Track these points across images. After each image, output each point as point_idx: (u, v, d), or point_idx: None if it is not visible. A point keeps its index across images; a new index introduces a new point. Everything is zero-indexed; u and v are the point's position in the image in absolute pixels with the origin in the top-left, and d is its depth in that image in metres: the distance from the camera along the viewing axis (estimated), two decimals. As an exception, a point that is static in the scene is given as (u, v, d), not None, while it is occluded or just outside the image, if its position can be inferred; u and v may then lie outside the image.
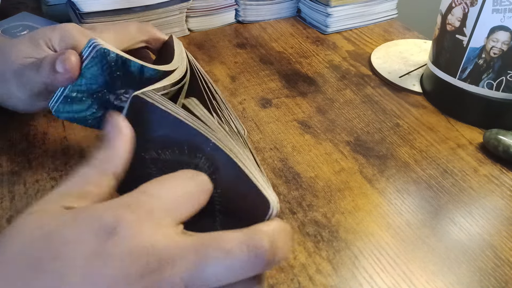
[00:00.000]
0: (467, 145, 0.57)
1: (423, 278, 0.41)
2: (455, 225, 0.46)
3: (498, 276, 0.41)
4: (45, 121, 0.60)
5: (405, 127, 0.60)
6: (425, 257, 0.43)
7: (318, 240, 0.44)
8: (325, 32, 0.83)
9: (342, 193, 0.49)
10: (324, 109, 0.63)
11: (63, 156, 0.54)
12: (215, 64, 0.73)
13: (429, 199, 0.49)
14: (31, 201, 0.48)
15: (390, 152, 0.55)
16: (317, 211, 0.47)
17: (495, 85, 0.56)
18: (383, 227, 0.46)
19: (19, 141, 0.56)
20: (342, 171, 0.52)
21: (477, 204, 0.48)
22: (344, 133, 0.58)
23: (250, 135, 0.58)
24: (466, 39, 0.56)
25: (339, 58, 0.76)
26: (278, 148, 0.56)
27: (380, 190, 0.50)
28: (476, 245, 0.44)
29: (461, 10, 0.56)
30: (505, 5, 0.52)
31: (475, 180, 0.51)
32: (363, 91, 0.67)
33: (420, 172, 0.52)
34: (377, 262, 0.42)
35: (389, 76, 0.69)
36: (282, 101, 0.65)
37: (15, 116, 0.61)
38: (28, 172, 0.52)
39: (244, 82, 0.69)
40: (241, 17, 0.86)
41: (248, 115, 0.61)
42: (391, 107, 0.64)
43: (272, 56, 0.76)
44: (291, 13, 0.90)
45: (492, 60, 0.55)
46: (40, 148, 0.55)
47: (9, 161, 0.53)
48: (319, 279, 0.40)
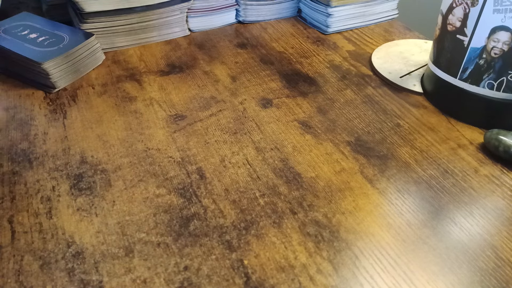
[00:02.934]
0: (468, 145, 0.57)
1: (424, 278, 0.41)
2: (455, 225, 0.46)
3: (499, 276, 0.41)
4: (45, 121, 0.60)
5: (406, 127, 0.60)
6: (426, 257, 0.43)
7: (318, 240, 0.44)
8: (325, 32, 0.83)
9: (343, 193, 0.49)
10: (324, 109, 0.63)
11: (64, 156, 0.54)
12: (216, 64, 0.73)
13: (429, 199, 0.49)
14: (32, 201, 0.48)
15: (391, 152, 0.55)
16: (318, 211, 0.47)
17: (495, 85, 0.56)
18: (383, 227, 0.46)
19: (20, 141, 0.56)
20: (343, 171, 0.52)
21: (477, 204, 0.48)
22: (344, 133, 0.58)
23: (251, 135, 0.58)
24: (467, 39, 0.56)
25: (340, 58, 0.76)
26: (279, 148, 0.56)
27: (380, 190, 0.50)
28: (477, 245, 0.44)
29: (462, 10, 0.56)
30: (506, 5, 0.52)
31: (475, 180, 0.51)
32: (363, 91, 0.67)
33: (420, 172, 0.52)
34: (377, 262, 0.42)
35: (390, 76, 0.69)
36: (282, 101, 0.65)
37: (16, 116, 0.61)
38: (28, 172, 0.52)
39: (245, 82, 0.69)
40: (242, 17, 0.86)
41: (249, 115, 0.61)
42: (392, 107, 0.64)
43: (273, 56, 0.76)
44: (292, 13, 0.90)
45: (493, 60, 0.55)
46: (40, 148, 0.55)
47: (9, 161, 0.53)
48: (319, 279, 0.40)
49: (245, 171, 0.52)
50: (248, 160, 0.54)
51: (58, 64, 0.65)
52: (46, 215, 0.46)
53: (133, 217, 0.46)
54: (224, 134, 0.58)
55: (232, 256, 0.42)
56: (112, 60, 0.74)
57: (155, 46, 0.78)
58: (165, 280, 0.40)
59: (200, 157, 0.54)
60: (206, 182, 0.51)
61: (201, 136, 0.57)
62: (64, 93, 0.66)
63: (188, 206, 0.48)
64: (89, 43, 0.70)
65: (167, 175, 0.51)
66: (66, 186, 0.50)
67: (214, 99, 0.65)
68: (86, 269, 0.41)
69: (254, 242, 0.44)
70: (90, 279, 0.40)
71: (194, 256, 0.42)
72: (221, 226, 0.45)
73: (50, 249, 0.43)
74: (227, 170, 0.52)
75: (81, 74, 0.70)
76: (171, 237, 0.44)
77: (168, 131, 0.58)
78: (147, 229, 0.45)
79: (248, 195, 0.49)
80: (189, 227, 0.45)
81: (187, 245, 0.43)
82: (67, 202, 0.48)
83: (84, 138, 0.57)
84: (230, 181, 0.51)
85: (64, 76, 0.67)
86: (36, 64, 0.64)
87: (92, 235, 0.44)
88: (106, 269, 0.41)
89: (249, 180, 0.51)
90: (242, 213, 0.47)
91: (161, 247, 0.43)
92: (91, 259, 0.42)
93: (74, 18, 0.76)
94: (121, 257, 0.42)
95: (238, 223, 0.46)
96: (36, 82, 0.67)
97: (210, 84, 0.68)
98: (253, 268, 0.41)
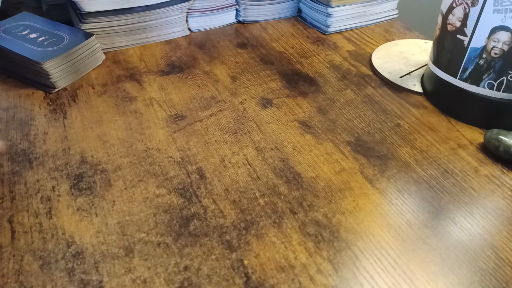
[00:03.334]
0: (468, 145, 0.57)
1: (424, 278, 0.41)
2: (456, 225, 0.46)
3: (499, 276, 0.41)
4: (45, 121, 0.60)
5: (406, 127, 0.60)
6: (426, 257, 0.43)
7: (319, 240, 0.44)
8: (325, 32, 0.83)
9: (343, 193, 0.49)
10: (324, 109, 0.63)
11: (64, 156, 0.54)
12: (216, 64, 0.73)
13: (430, 199, 0.49)
14: (32, 201, 0.48)
15: (391, 152, 0.55)
16: (318, 211, 0.47)
17: (495, 85, 0.56)
18: (384, 227, 0.46)
19: (20, 141, 0.56)
20: (343, 171, 0.52)
21: (478, 204, 0.48)
22: (344, 133, 0.58)
23: (251, 135, 0.58)
24: (467, 39, 0.56)
25: (340, 58, 0.76)
26: (279, 148, 0.56)
27: (380, 190, 0.50)
28: (477, 245, 0.44)
29: (462, 10, 0.56)
30: (506, 5, 0.52)
31: (476, 180, 0.51)
32: (363, 91, 0.67)
33: (421, 172, 0.52)
34: (378, 262, 0.42)
35: (390, 76, 0.69)
36: (282, 101, 0.65)
37: (16, 116, 0.61)
38: (28, 172, 0.52)
39: (245, 82, 0.69)
40: (242, 17, 0.86)
41: (249, 115, 0.61)
42: (392, 107, 0.64)
43: (273, 56, 0.76)
44: (292, 13, 0.90)
45: (493, 60, 0.55)
46: (40, 148, 0.55)
47: (9, 160, 0.53)
48: (320, 279, 0.40)
49: (245, 171, 0.52)
50: (248, 160, 0.54)
51: (58, 64, 0.65)
52: (46, 215, 0.46)
53: (133, 217, 0.46)
54: (224, 134, 0.58)
55: (232, 256, 0.42)
56: (112, 60, 0.74)
57: (155, 46, 0.78)
58: (165, 280, 0.40)
59: (200, 157, 0.54)
60: (206, 182, 0.51)
61: (201, 136, 0.57)
62: (64, 93, 0.66)
63: (188, 206, 0.48)
64: (89, 43, 0.70)
65: (167, 175, 0.51)
66: (66, 186, 0.50)
67: (214, 99, 0.65)
68: (86, 269, 0.41)
69: (254, 242, 0.44)
70: (90, 279, 0.40)
71: (194, 256, 0.42)
72: (221, 226, 0.45)
73: (50, 249, 0.43)
74: (227, 170, 0.52)
75: (81, 74, 0.70)
76: (171, 237, 0.44)
77: (168, 131, 0.58)
78: (147, 229, 0.45)
79: (248, 195, 0.49)
80: (189, 227, 0.45)
81: (187, 245, 0.43)
82: (67, 202, 0.48)
83: (84, 138, 0.57)
84: (230, 181, 0.51)
85: (64, 76, 0.67)
86: (36, 64, 0.64)
87: (92, 235, 0.44)
88: (106, 269, 0.41)
89: (249, 180, 0.51)
90: (242, 213, 0.47)
91: (161, 247, 0.43)
92: (91, 259, 0.42)
93: (74, 18, 0.76)
94: (121, 257, 0.42)
95: (238, 223, 0.46)
96: (36, 82, 0.67)
97: (210, 84, 0.68)
98: (253, 268, 0.41)
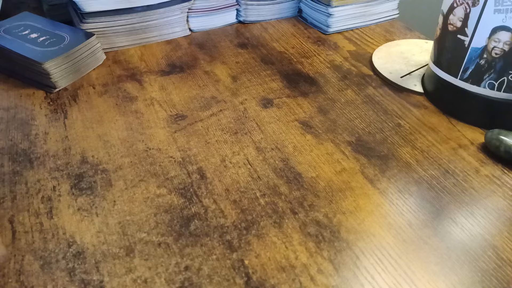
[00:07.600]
0: (469, 145, 0.57)
1: (425, 279, 0.41)
2: (456, 225, 0.46)
3: (500, 277, 0.41)
4: (46, 121, 0.60)
5: (407, 127, 0.60)
6: (427, 257, 0.43)
7: (319, 240, 0.44)
8: (326, 32, 0.83)
9: (344, 193, 0.49)
10: (325, 109, 0.63)
11: (65, 155, 0.54)
12: (216, 64, 0.73)
13: (430, 199, 0.49)
14: (33, 201, 0.48)
15: (392, 152, 0.55)
16: (319, 211, 0.47)
17: (496, 85, 0.56)
18: (384, 227, 0.45)
19: (21, 140, 0.56)
20: (344, 171, 0.52)
21: (478, 205, 0.48)
22: (345, 133, 0.58)
23: (252, 135, 0.58)
24: (467, 39, 0.56)
25: (341, 58, 0.76)
26: (280, 148, 0.56)
27: (381, 190, 0.50)
28: (478, 246, 0.44)
29: (463, 10, 0.56)
30: (506, 5, 0.52)
31: (476, 180, 0.51)
32: (364, 91, 0.67)
33: (421, 172, 0.52)
34: (378, 263, 0.42)
35: (391, 76, 0.69)
36: (283, 101, 0.65)
37: (17, 116, 0.61)
38: (29, 171, 0.52)
39: (245, 82, 0.69)
40: (242, 17, 0.86)
41: (250, 115, 0.61)
42: (393, 107, 0.64)
43: (273, 56, 0.76)
44: (292, 13, 0.90)
45: (494, 60, 0.55)
46: (41, 148, 0.55)
47: (10, 160, 0.53)
48: (320, 279, 0.40)
49: (246, 171, 0.52)
50: (248, 160, 0.54)
51: (59, 64, 0.65)
52: (47, 215, 0.46)
53: (134, 217, 0.46)
54: (225, 134, 0.58)
55: (233, 256, 0.42)
56: (113, 60, 0.74)
57: (155, 46, 0.78)
58: (165, 280, 0.40)
59: (201, 157, 0.54)
60: (206, 182, 0.51)
61: (202, 136, 0.57)
62: (65, 93, 0.66)
63: (189, 206, 0.48)
64: (89, 43, 0.70)
65: (167, 175, 0.51)
66: (67, 186, 0.50)
67: (215, 99, 0.65)
68: (87, 269, 0.41)
69: (255, 242, 0.44)
70: (91, 279, 0.40)
71: (194, 256, 0.42)
72: (221, 226, 0.45)
73: (51, 249, 0.43)
74: (227, 170, 0.52)
75: (82, 74, 0.70)
76: (172, 237, 0.44)
77: (169, 131, 0.58)
78: (148, 229, 0.45)
79: (249, 195, 0.49)
80: (189, 227, 0.45)
81: (188, 245, 0.43)
82: (67, 202, 0.48)
83: (85, 138, 0.57)
84: (230, 181, 0.51)
85: (64, 76, 0.67)
86: (37, 64, 0.64)
87: (93, 235, 0.44)
88: (107, 269, 0.41)
89: (250, 180, 0.51)
90: (243, 213, 0.47)
91: (161, 247, 0.43)
92: (92, 259, 0.42)
93: (75, 18, 0.76)
94: (122, 257, 0.42)
95: (238, 223, 0.46)
96: (36, 82, 0.67)
97: (210, 84, 0.68)
98: (253, 268, 0.41)
